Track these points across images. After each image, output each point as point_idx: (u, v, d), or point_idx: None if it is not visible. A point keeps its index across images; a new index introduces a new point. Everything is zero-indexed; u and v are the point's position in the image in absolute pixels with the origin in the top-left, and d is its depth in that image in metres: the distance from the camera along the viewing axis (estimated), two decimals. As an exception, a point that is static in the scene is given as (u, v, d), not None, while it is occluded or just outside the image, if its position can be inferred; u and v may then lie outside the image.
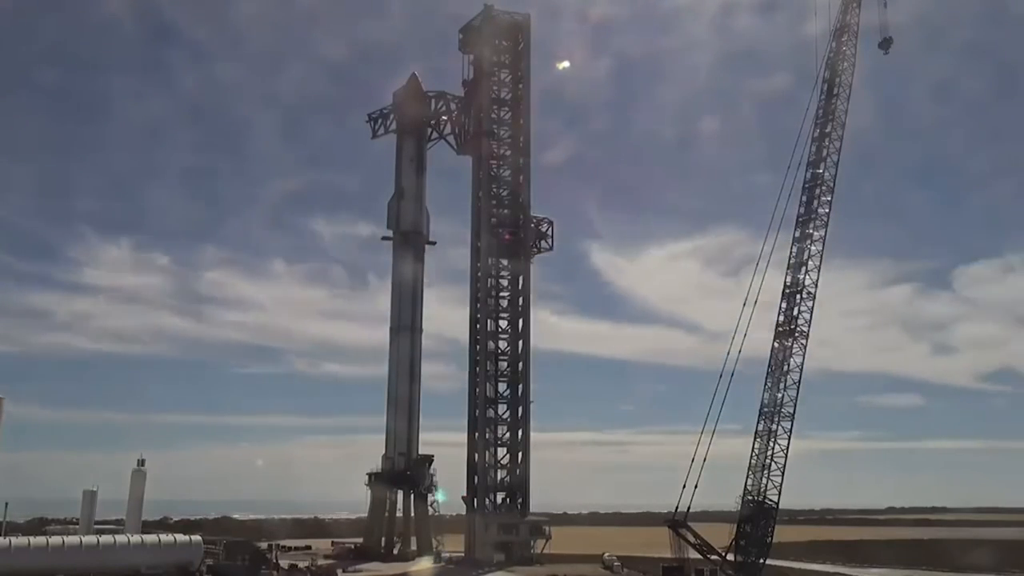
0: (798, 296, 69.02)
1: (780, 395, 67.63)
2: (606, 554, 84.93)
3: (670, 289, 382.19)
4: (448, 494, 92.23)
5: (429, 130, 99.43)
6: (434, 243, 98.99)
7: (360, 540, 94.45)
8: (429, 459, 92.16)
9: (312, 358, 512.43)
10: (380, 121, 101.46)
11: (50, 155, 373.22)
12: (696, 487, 67.20)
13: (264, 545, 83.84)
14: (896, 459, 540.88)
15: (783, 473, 67.31)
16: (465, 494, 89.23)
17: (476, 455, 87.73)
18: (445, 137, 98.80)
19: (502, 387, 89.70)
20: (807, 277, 69.25)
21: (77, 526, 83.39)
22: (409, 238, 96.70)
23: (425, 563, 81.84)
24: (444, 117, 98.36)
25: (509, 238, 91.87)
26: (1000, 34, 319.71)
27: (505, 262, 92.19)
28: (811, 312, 68.84)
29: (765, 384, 68.37)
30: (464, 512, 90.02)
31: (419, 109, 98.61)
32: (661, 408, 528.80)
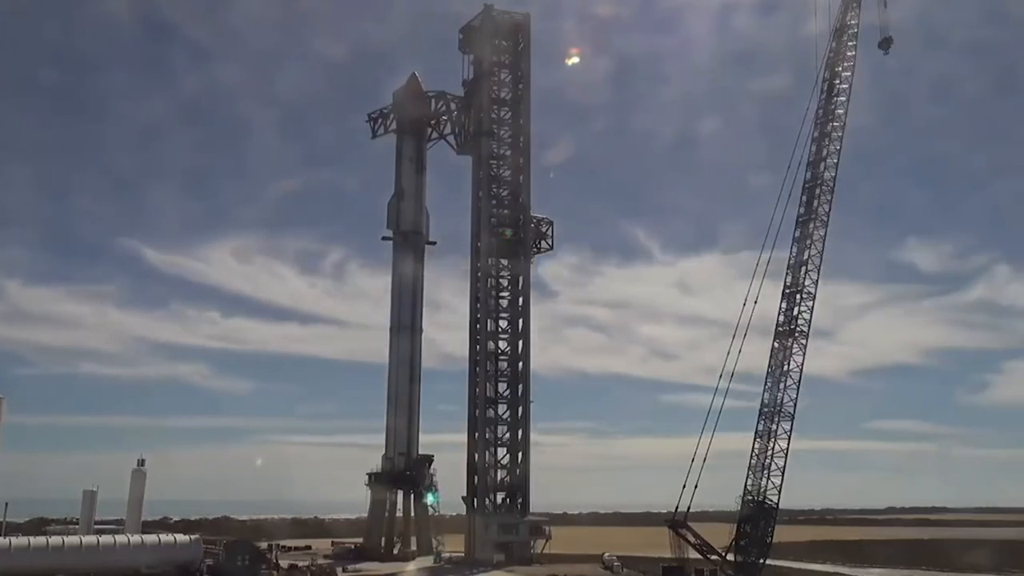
0: (798, 296, 69.06)
1: (780, 395, 67.68)
2: (606, 554, 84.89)
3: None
4: (443, 496, 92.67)
5: (429, 130, 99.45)
6: (434, 243, 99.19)
7: (360, 540, 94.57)
8: (429, 459, 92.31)
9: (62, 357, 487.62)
10: (380, 121, 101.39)
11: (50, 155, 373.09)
12: (696, 487, 67.42)
13: (264, 545, 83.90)
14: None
15: (783, 473, 67.40)
16: (465, 494, 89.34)
17: (476, 455, 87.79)
18: (445, 137, 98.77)
19: (502, 387, 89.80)
20: (807, 277, 69.29)
21: (77, 526, 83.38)
22: (409, 238, 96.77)
23: (411, 567, 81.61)
24: (444, 117, 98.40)
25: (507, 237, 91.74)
26: (1000, 34, 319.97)
27: (505, 262, 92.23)
28: (811, 312, 68.94)
29: (765, 384, 68.42)
30: (464, 512, 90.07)
31: (419, 109, 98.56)
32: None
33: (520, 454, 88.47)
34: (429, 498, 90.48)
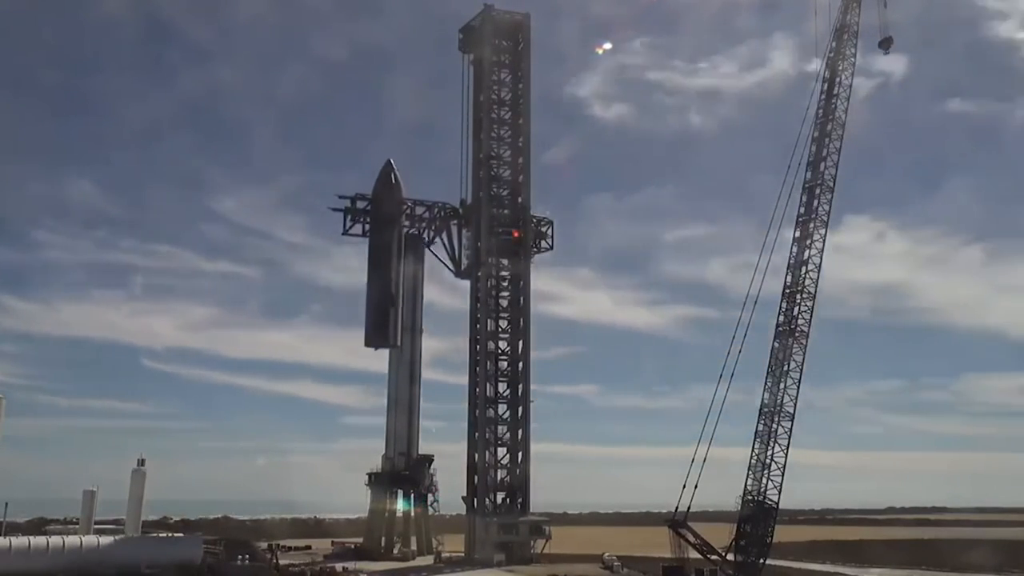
0: (798, 296, 69.02)
1: (780, 395, 67.62)
2: (606, 554, 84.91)
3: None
4: (443, 496, 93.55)
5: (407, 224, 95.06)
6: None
7: (360, 540, 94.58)
8: (429, 459, 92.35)
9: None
10: (353, 215, 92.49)
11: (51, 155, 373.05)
12: (696, 487, 67.38)
13: (264, 545, 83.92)
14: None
15: (783, 473, 67.34)
16: (465, 494, 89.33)
17: (476, 455, 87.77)
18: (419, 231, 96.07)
19: (502, 387, 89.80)
20: (807, 277, 69.27)
21: (77, 526, 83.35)
22: (409, 239, 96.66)
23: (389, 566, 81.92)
24: (432, 226, 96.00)
25: (517, 235, 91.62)
26: (1000, 34, 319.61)
27: (505, 262, 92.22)
28: (811, 312, 68.89)
29: (765, 384, 68.33)
30: (464, 512, 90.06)
31: (394, 202, 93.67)
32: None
33: (520, 454, 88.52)
34: (401, 504, 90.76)
